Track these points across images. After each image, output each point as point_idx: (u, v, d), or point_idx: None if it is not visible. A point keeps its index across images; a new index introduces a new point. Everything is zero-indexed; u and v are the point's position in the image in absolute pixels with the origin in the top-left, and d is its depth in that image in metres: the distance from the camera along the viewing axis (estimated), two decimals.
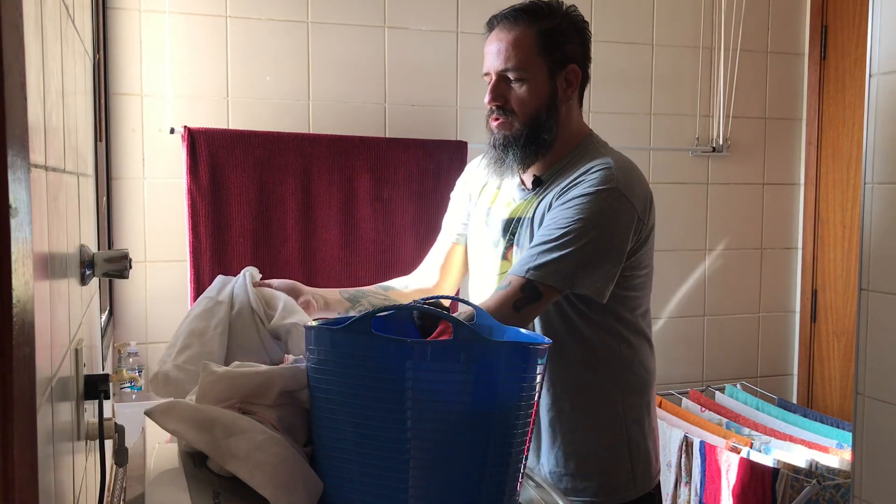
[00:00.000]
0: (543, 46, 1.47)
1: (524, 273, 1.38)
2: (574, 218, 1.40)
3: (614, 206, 1.43)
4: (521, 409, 1.02)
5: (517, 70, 1.47)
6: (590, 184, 1.43)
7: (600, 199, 1.41)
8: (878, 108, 1.55)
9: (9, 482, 0.54)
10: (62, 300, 0.96)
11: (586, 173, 1.46)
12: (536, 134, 1.50)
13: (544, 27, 1.47)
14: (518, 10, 1.49)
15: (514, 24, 1.48)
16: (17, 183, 0.56)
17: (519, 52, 1.47)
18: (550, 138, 1.51)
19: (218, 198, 2.36)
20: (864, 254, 1.57)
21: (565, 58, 1.50)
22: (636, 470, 1.55)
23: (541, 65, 1.48)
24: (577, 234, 1.39)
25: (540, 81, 1.49)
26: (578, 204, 1.42)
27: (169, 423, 1.06)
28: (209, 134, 2.35)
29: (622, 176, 1.45)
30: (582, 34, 1.53)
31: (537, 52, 1.47)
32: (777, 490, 2.11)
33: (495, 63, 1.49)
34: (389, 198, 2.52)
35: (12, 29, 0.58)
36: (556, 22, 1.48)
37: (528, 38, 1.47)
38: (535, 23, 1.47)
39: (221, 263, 2.36)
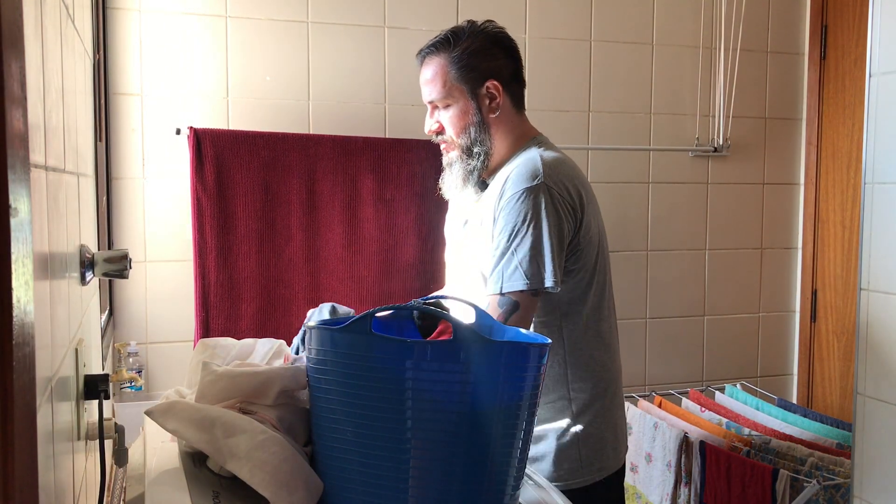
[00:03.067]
0: (458, 71, 1.63)
1: (495, 290, 1.53)
2: (511, 222, 1.53)
3: (541, 199, 1.53)
4: (521, 408, 1.02)
5: (440, 99, 1.65)
6: (516, 183, 1.55)
7: (527, 196, 1.53)
8: (878, 108, 1.55)
9: (9, 482, 0.54)
10: (62, 300, 0.96)
11: (513, 174, 1.58)
12: (470, 149, 1.66)
13: (455, 54, 1.63)
14: (433, 44, 1.66)
15: (431, 57, 1.66)
16: (17, 183, 0.56)
17: (437, 82, 1.65)
18: (485, 150, 1.66)
19: (223, 198, 2.36)
20: (864, 254, 1.57)
21: (482, 76, 1.64)
22: (583, 457, 1.62)
23: (459, 88, 1.64)
24: (518, 235, 1.52)
25: (462, 103, 1.65)
26: (511, 207, 1.54)
27: (169, 423, 1.06)
28: (214, 134, 2.35)
29: (547, 170, 1.56)
30: (501, 45, 1.67)
31: (454, 78, 1.63)
32: (777, 490, 2.11)
33: (424, 94, 1.69)
34: (393, 198, 2.52)
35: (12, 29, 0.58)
36: (465, 45, 1.63)
37: (443, 67, 1.64)
38: (445, 52, 1.64)
39: (227, 263, 2.36)
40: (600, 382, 1.66)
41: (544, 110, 2.77)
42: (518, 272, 1.50)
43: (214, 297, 2.36)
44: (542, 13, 2.75)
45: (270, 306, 2.41)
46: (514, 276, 1.51)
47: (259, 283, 2.40)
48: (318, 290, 2.45)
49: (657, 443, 2.50)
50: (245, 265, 2.39)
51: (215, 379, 1.13)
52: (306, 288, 2.44)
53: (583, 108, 2.83)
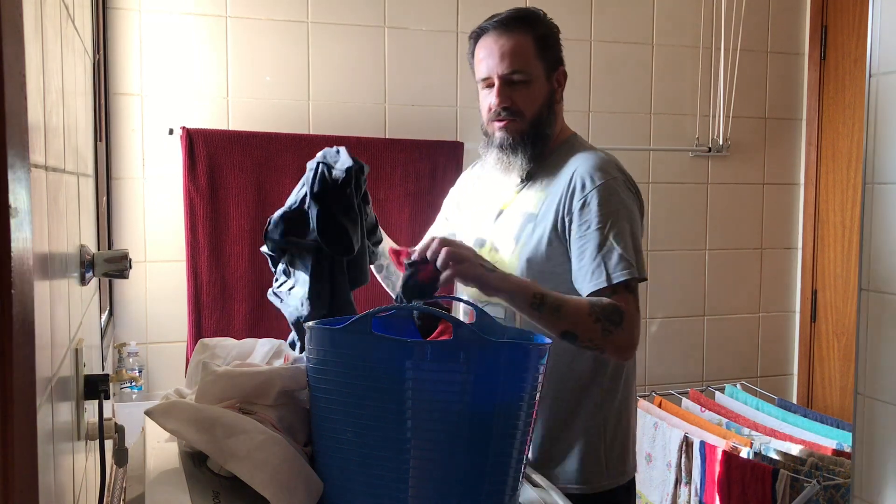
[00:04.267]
0: (540, 50, 1.58)
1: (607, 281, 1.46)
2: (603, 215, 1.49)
3: (623, 193, 1.53)
4: (521, 409, 1.02)
5: (522, 72, 1.56)
6: (596, 179, 1.52)
7: (611, 190, 1.52)
8: (878, 108, 1.55)
9: (9, 482, 0.54)
10: (62, 300, 0.96)
11: (585, 168, 1.54)
12: (541, 131, 1.60)
13: (538, 33, 1.59)
14: (512, 18, 1.59)
15: (512, 31, 1.57)
16: (17, 183, 0.56)
17: (522, 55, 1.57)
18: (549, 135, 1.62)
19: (216, 198, 2.36)
20: (864, 254, 1.56)
21: (556, 61, 1.62)
22: (610, 461, 1.59)
23: (540, 67, 1.58)
24: (615, 227, 1.48)
25: (541, 82, 1.59)
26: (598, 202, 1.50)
27: (169, 423, 1.06)
28: (207, 134, 2.35)
29: (616, 167, 1.57)
30: (558, 40, 1.65)
31: (536, 56, 1.58)
32: (777, 490, 2.11)
33: (500, 67, 1.57)
34: (386, 198, 2.52)
35: (12, 29, 0.58)
36: (545, 28, 1.60)
37: (528, 42, 1.57)
38: (530, 29, 1.58)
39: (219, 263, 2.36)
40: (628, 385, 1.64)
41: None
42: (624, 262, 1.46)
43: (207, 296, 2.35)
44: None
45: (263, 306, 2.41)
46: (621, 266, 1.46)
47: (251, 283, 2.39)
48: None
49: (657, 443, 2.50)
50: (238, 265, 2.38)
51: (215, 379, 1.13)
52: None
53: (583, 108, 2.83)
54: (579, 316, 1.41)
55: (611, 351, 1.47)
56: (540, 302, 1.38)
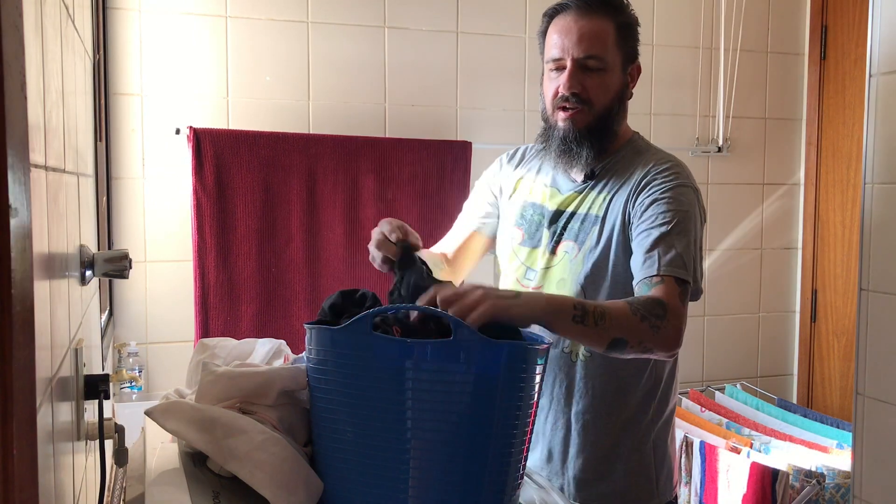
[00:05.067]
0: (621, 39, 1.46)
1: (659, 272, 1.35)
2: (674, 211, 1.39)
3: (695, 200, 1.44)
4: (520, 409, 1.02)
5: (600, 59, 1.44)
6: (672, 177, 1.43)
7: (686, 192, 1.43)
8: (878, 108, 1.55)
9: (9, 482, 0.54)
10: (62, 300, 0.96)
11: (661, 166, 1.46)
12: (609, 125, 1.48)
13: (620, 20, 1.46)
14: (596, 0, 1.45)
15: (594, 13, 1.44)
16: (17, 183, 0.56)
17: (601, 41, 1.44)
18: (619, 129, 1.50)
19: (223, 198, 2.36)
20: (864, 254, 1.56)
21: (633, 53, 1.49)
22: (660, 477, 1.52)
23: (617, 57, 1.46)
24: (681, 228, 1.39)
25: (616, 73, 1.47)
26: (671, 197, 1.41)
27: (169, 423, 1.06)
28: (214, 134, 2.35)
29: (689, 174, 1.48)
30: (638, 33, 1.52)
31: (616, 44, 1.45)
32: (777, 490, 2.11)
33: (576, 49, 1.43)
34: (394, 198, 2.52)
35: (12, 29, 0.58)
36: (627, 17, 1.48)
37: (609, 28, 1.44)
38: (613, 15, 1.45)
39: (226, 263, 2.36)
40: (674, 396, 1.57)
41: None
42: (681, 260, 1.36)
43: (214, 297, 2.35)
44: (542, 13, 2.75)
45: (270, 307, 2.41)
46: (677, 262, 1.35)
47: (259, 283, 2.39)
48: (318, 290, 2.44)
49: None
50: (245, 266, 2.38)
51: (215, 379, 1.13)
52: (306, 289, 2.44)
53: None
54: (625, 319, 1.26)
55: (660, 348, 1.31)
56: (582, 314, 1.21)
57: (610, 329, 1.24)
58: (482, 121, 2.70)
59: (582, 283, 1.46)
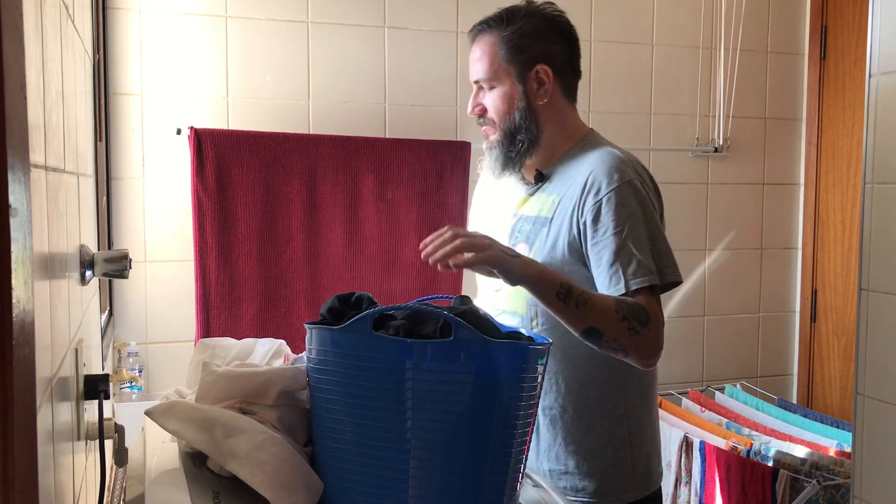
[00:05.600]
0: (508, 51, 1.52)
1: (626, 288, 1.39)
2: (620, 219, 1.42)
3: (640, 194, 1.46)
4: (520, 409, 1.02)
5: (486, 79, 1.54)
6: (610, 181, 1.45)
7: (627, 192, 1.45)
8: (878, 108, 1.55)
9: (9, 482, 0.54)
10: (62, 300, 0.96)
11: (599, 169, 1.47)
12: (513, 136, 1.54)
13: (506, 33, 1.52)
14: (486, 20, 1.56)
15: (482, 34, 1.55)
16: (17, 183, 0.56)
17: (486, 60, 1.54)
18: (529, 139, 1.54)
19: (224, 198, 2.36)
20: (864, 254, 1.56)
21: (532, 59, 1.52)
22: (637, 471, 1.54)
23: (507, 69, 1.53)
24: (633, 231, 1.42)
25: (509, 86, 1.53)
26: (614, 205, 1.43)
27: (169, 423, 1.06)
28: (215, 134, 2.35)
29: (632, 165, 1.50)
30: (559, 30, 1.56)
31: (503, 59, 1.52)
32: (777, 490, 2.11)
33: (471, 74, 1.58)
34: (393, 198, 2.52)
35: (12, 29, 0.58)
36: (519, 25, 1.52)
37: (493, 45, 1.53)
38: (498, 30, 1.53)
39: (227, 263, 2.36)
40: (651, 391, 1.59)
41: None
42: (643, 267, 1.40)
43: (215, 297, 2.35)
44: None
45: (271, 306, 2.41)
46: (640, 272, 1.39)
47: (260, 283, 2.39)
48: (319, 290, 2.44)
49: None
50: (246, 265, 2.39)
51: (215, 379, 1.13)
52: (307, 288, 2.44)
53: (583, 109, 2.82)
54: (606, 312, 1.34)
55: (635, 353, 1.40)
56: (566, 293, 1.32)
57: (588, 316, 1.34)
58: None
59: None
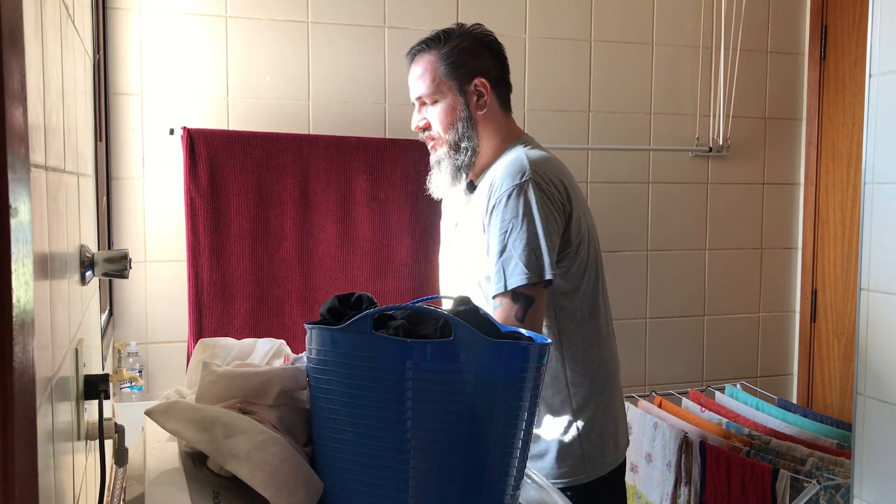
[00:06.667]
0: (447, 67, 1.67)
1: (505, 287, 1.53)
2: (506, 220, 1.55)
3: (531, 195, 1.55)
4: (521, 408, 1.02)
5: (429, 94, 1.69)
6: (505, 182, 1.57)
7: (517, 193, 1.55)
8: (878, 108, 1.55)
9: (9, 482, 0.54)
10: (62, 300, 0.96)
11: (499, 173, 1.60)
12: (458, 145, 1.68)
13: (445, 50, 1.67)
14: (422, 42, 1.71)
15: (419, 55, 1.71)
16: (17, 183, 0.56)
17: (428, 77, 1.68)
18: (472, 146, 1.68)
19: (216, 198, 2.36)
20: (864, 254, 1.57)
21: (470, 73, 1.67)
22: (587, 454, 1.63)
23: (448, 84, 1.67)
24: (513, 232, 1.54)
25: (451, 99, 1.68)
26: (503, 206, 1.56)
27: (169, 423, 1.06)
28: (208, 134, 2.35)
29: (534, 166, 1.59)
30: (489, 47, 1.71)
31: (443, 74, 1.67)
32: (777, 490, 2.11)
33: (412, 91, 1.72)
34: (386, 198, 2.52)
35: (12, 29, 0.58)
36: (455, 43, 1.68)
37: (433, 63, 1.68)
38: (435, 49, 1.68)
39: (220, 263, 2.36)
40: (598, 377, 1.67)
41: (544, 110, 2.77)
42: (519, 267, 1.51)
43: (207, 296, 2.36)
44: (542, 13, 2.75)
45: (263, 306, 2.41)
46: (516, 271, 1.51)
47: (252, 282, 2.39)
48: (312, 289, 2.45)
49: (657, 443, 2.50)
50: (238, 265, 2.39)
51: (215, 379, 1.13)
52: (299, 288, 2.44)
53: (583, 108, 2.83)
54: None
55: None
56: None
57: None
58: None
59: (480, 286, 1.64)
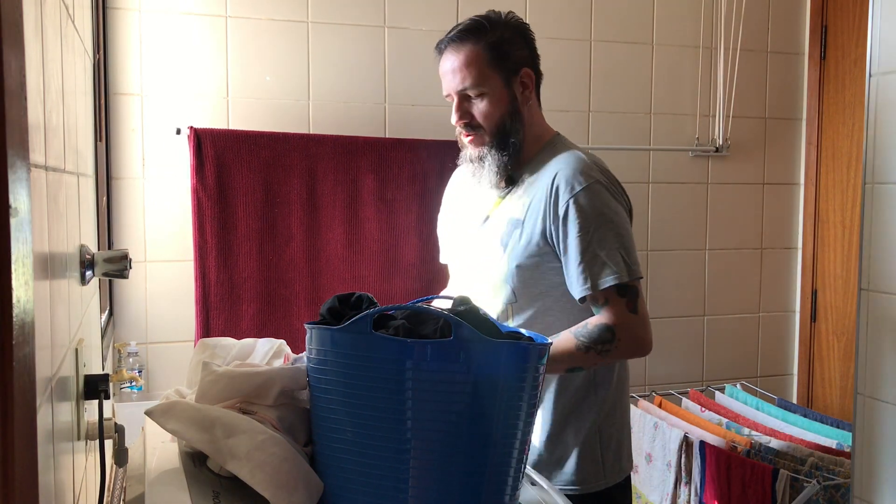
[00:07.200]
0: (494, 59, 1.57)
1: (607, 284, 1.48)
2: (585, 221, 1.50)
3: (606, 196, 1.53)
4: (521, 408, 1.01)
5: (475, 87, 1.57)
6: (575, 184, 1.52)
7: (591, 193, 1.51)
8: (878, 108, 1.55)
9: (9, 482, 0.54)
10: (62, 300, 0.96)
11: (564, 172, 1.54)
12: (505, 140, 1.60)
13: (490, 41, 1.57)
14: (462, 31, 1.58)
15: (462, 45, 1.58)
16: (17, 183, 0.56)
17: (472, 69, 1.57)
18: (518, 140, 1.61)
19: (223, 198, 2.36)
20: (864, 254, 1.57)
21: (516, 64, 1.59)
22: (606, 459, 1.61)
23: (496, 76, 1.58)
24: (600, 231, 1.49)
25: (498, 92, 1.58)
26: (579, 207, 1.50)
27: (169, 423, 1.06)
28: (215, 134, 2.35)
29: (596, 167, 1.56)
30: (525, 37, 1.63)
31: (489, 66, 1.57)
32: (777, 490, 2.11)
33: (453, 84, 1.59)
34: (393, 198, 2.52)
35: (12, 29, 0.58)
36: (498, 33, 1.58)
37: (478, 54, 1.56)
38: (480, 39, 1.57)
39: (227, 263, 2.36)
40: (620, 382, 1.66)
41: (544, 110, 2.75)
42: (610, 266, 1.47)
43: (215, 297, 2.35)
44: (543, 13, 2.75)
45: (271, 307, 2.41)
46: (607, 270, 1.47)
47: (260, 283, 2.39)
48: (319, 290, 2.44)
49: (657, 443, 2.50)
50: (245, 265, 2.39)
51: (215, 379, 1.13)
52: (307, 288, 2.44)
53: (583, 108, 2.83)
54: (570, 353, 1.48)
55: (619, 360, 1.54)
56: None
57: (558, 366, 1.49)
58: None
59: (511, 284, 1.58)
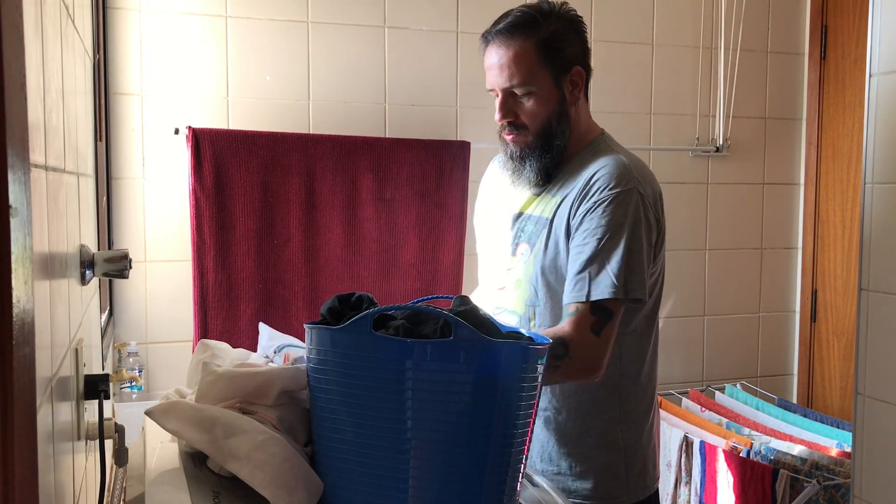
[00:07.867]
0: (544, 56, 1.46)
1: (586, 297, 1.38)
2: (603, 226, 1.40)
3: (636, 205, 1.42)
4: (521, 409, 1.02)
5: (523, 85, 1.47)
6: (609, 186, 1.43)
7: (622, 201, 1.41)
8: (878, 108, 1.55)
9: (9, 482, 0.54)
10: (62, 300, 0.96)
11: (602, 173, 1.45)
12: (549, 142, 1.50)
13: (542, 37, 1.46)
14: (512, 25, 1.47)
15: (512, 39, 1.47)
16: (17, 183, 0.56)
17: (521, 66, 1.46)
18: (563, 142, 1.52)
19: (222, 197, 2.36)
20: (864, 254, 1.56)
21: (567, 62, 1.48)
22: (631, 475, 1.53)
23: (545, 75, 1.47)
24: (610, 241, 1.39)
25: (547, 91, 1.48)
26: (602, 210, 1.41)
27: (169, 423, 1.06)
28: (213, 134, 2.35)
29: (637, 174, 1.46)
30: (578, 31, 1.51)
31: (540, 64, 1.46)
32: (777, 490, 2.11)
33: (499, 80, 1.49)
34: (392, 198, 2.52)
35: (12, 29, 0.58)
36: (551, 28, 1.47)
37: (528, 51, 1.46)
38: (532, 34, 1.46)
39: (225, 263, 2.36)
40: (649, 395, 1.58)
41: None
42: (609, 279, 1.36)
43: (213, 297, 2.35)
44: None
45: (269, 307, 2.41)
46: (604, 283, 1.37)
47: (258, 283, 2.39)
48: (318, 290, 2.44)
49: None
50: (244, 265, 2.38)
51: (215, 379, 1.13)
52: (305, 288, 2.44)
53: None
54: None
55: (568, 379, 1.43)
56: None
57: None
58: (481, 121, 2.70)
59: (535, 284, 1.50)
